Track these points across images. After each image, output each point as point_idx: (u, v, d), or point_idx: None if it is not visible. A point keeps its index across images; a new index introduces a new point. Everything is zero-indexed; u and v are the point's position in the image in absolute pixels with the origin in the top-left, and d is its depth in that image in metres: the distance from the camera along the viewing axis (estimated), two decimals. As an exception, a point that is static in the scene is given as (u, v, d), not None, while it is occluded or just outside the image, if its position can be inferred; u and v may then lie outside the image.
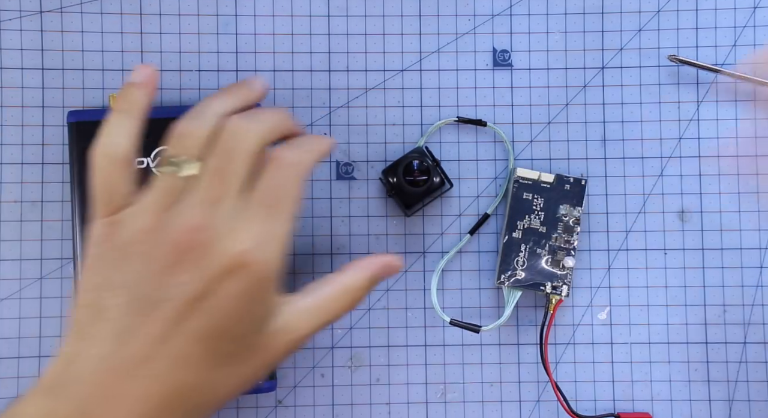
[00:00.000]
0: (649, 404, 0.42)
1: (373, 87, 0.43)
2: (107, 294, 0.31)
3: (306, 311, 0.33)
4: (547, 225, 0.41)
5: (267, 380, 0.40)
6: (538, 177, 0.41)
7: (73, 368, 0.30)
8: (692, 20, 0.44)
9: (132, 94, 0.34)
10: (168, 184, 0.32)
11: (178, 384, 0.30)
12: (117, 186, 0.32)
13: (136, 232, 0.31)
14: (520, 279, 0.41)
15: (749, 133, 0.43)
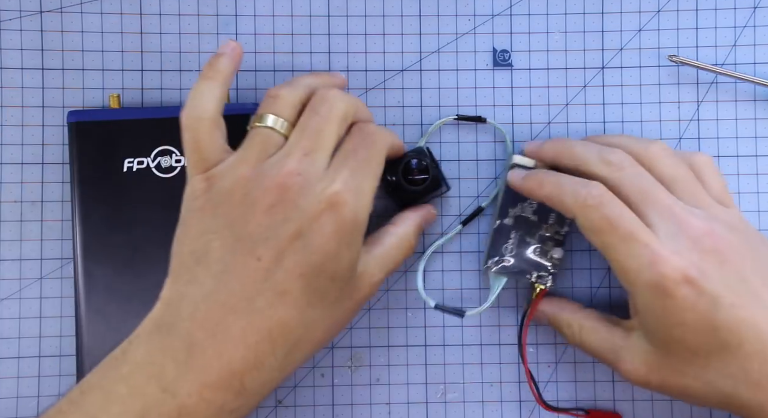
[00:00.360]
0: (648, 404, 0.42)
1: (373, 87, 0.43)
2: (210, 237, 0.33)
3: (379, 257, 0.37)
4: (539, 215, 0.41)
5: None
6: (534, 165, 0.41)
7: (179, 307, 0.33)
8: (692, 20, 0.44)
9: (218, 63, 0.37)
10: (262, 139, 0.35)
11: (280, 320, 0.32)
12: (207, 144, 0.35)
13: (236, 180, 0.34)
14: (507, 266, 0.41)
15: (749, 133, 0.43)
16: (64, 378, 0.41)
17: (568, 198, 0.36)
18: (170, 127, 0.37)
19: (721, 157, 0.43)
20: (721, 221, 0.35)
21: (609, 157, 0.37)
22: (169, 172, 0.40)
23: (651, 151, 0.37)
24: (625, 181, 0.36)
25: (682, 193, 0.36)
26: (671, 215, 0.34)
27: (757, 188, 0.43)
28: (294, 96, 0.36)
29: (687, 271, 0.33)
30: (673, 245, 0.33)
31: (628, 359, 0.36)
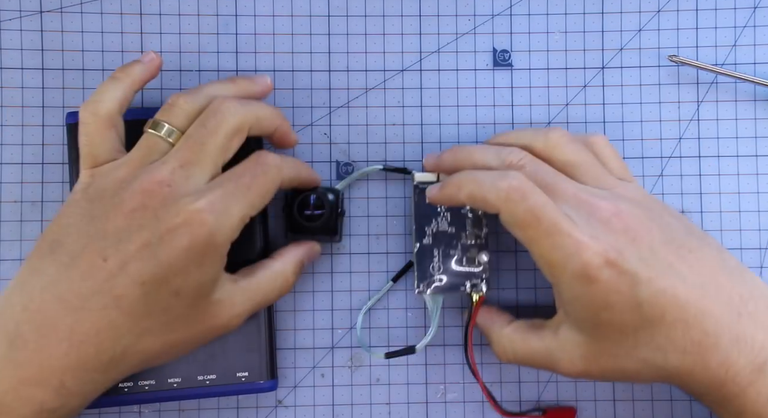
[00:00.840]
0: (649, 404, 0.42)
1: (373, 87, 0.43)
2: (71, 229, 0.33)
3: (247, 290, 0.36)
4: (455, 225, 0.41)
5: (267, 380, 0.40)
6: (437, 179, 0.41)
7: (15, 297, 0.33)
8: (692, 20, 0.44)
9: (131, 67, 0.37)
10: (150, 144, 0.35)
11: (111, 323, 0.32)
12: (98, 142, 0.36)
13: (113, 180, 0.34)
14: (440, 285, 0.41)
15: (749, 134, 0.43)
16: (64, 378, 0.41)
17: (489, 194, 0.35)
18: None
19: (721, 157, 0.43)
20: (625, 198, 0.36)
21: (507, 158, 0.37)
22: None
23: (551, 140, 0.38)
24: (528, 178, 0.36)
25: (585, 177, 0.37)
26: (579, 202, 0.35)
27: (757, 188, 0.43)
28: (191, 105, 0.36)
29: (606, 254, 0.33)
30: (589, 231, 0.34)
31: (565, 357, 0.36)
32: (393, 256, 0.43)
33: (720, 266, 0.35)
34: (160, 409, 0.42)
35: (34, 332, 0.32)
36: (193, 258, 0.33)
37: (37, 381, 0.32)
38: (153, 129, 0.36)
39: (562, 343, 0.36)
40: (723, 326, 0.33)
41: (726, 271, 0.35)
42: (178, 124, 0.36)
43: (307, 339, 0.42)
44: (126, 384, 0.39)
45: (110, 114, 0.36)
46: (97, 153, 0.36)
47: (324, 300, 0.43)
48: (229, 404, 0.42)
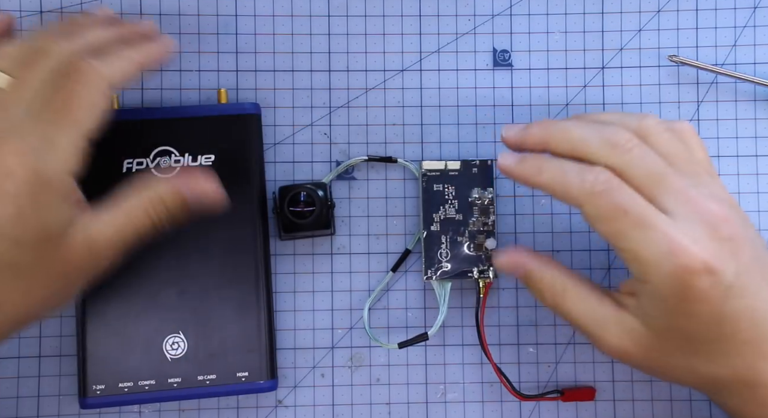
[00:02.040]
0: (649, 404, 0.42)
1: (373, 87, 0.43)
2: None
3: (109, 222, 0.33)
4: (463, 212, 0.41)
5: (267, 380, 0.40)
6: (444, 166, 0.41)
7: None
8: (692, 20, 0.44)
9: None
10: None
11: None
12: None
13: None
14: (447, 271, 0.41)
15: (749, 134, 0.43)
16: (64, 378, 0.41)
17: (573, 185, 0.33)
18: (170, 127, 0.37)
19: (721, 157, 0.43)
20: (727, 201, 0.33)
21: (614, 138, 0.33)
22: (169, 173, 0.40)
23: (646, 127, 0.34)
24: (635, 164, 0.33)
25: (684, 171, 0.34)
26: (687, 200, 0.32)
27: (757, 188, 0.43)
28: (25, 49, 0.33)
29: (708, 261, 0.31)
30: (691, 232, 0.31)
31: (616, 333, 0.34)
32: (393, 256, 0.43)
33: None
34: (160, 409, 0.42)
35: None
36: (24, 203, 0.30)
37: None
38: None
39: (621, 320, 0.34)
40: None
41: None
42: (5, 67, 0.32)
43: (307, 339, 0.42)
44: (126, 384, 0.39)
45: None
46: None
47: (324, 300, 0.43)
48: (229, 404, 0.42)
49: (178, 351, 0.39)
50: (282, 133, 0.43)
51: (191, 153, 0.40)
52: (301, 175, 0.43)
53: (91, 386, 0.39)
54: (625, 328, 0.34)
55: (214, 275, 0.40)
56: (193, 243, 0.40)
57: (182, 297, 0.40)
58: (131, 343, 0.39)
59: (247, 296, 0.40)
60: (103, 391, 0.39)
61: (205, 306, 0.40)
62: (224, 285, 0.40)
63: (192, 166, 0.38)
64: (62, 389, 0.41)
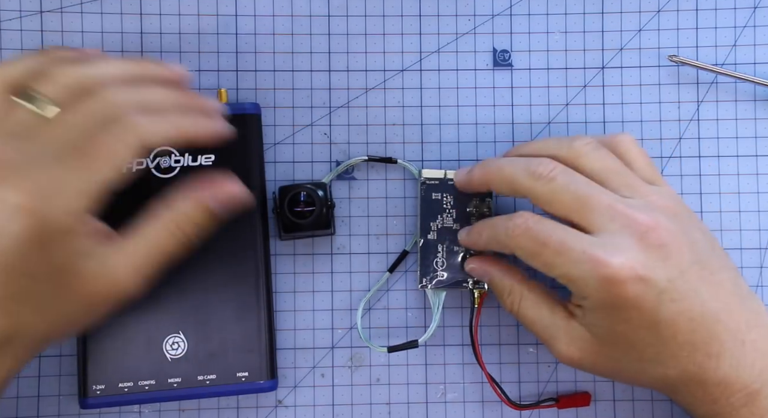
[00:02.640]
0: (648, 404, 0.42)
1: (373, 87, 0.43)
2: None
3: (132, 251, 0.33)
4: (461, 222, 0.41)
5: (267, 380, 0.40)
6: (444, 175, 0.41)
7: None
8: (692, 20, 0.44)
9: None
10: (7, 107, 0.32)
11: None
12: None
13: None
14: (442, 280, 0.41)
15: (749, 134, 0.43)
16: (64, 378, 0.41)
17: (501, 237, 0.36)
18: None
19: (721, 157, 0.43)
20: (661, 209, 0.35)
21: (537, 170, 0.36)
22: (169, 173, 0.40)
23: (575, 149, 0.37)
24: (560, 189, 0.35)
25: (616, 185, 0.36)
26: (614, 214, 0.34)
27: (757, 188, 0.43)
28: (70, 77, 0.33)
29: (636, 270, 0.33)
30: (617, 244, 0.33)
31: (565, 341, 0.36)
32: (393, 256, 0.43)
33: (734, 291, 0.35)
34: (160, 409, 0.42)
35: None
36: (39, 244, 0.30)
37: None
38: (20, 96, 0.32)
39: (569, 328, 0.36)
40: (726, 351, 0.34)
41: (738, 297, 0.35)
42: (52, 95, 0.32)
43: (307, 339, 0.42)
44: (126, 384, 0.39)
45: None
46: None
47: (324, 300, 0.43)
48: (229, 404, 0.42)
49: (178, 351, 0.39)
50: (282, 133, 0.43)
51: (191, 153, 0.40)
52: (301, 175, 0.43)
53: (91, 386, 0.39)
54: (573, 336, 0.36)
55: (214, 274, 0.40)
56: (193, 243, 0.40)
57: (182, 297, 0.40)
58: (131, 343, 0.39)
59: (247, 296, 0.40)
60: (103, 391, 0.39)
61: (205, 306, 0.40)
62: (224, 285, 0.40)
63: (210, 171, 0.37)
64: (62, 389, 0.41)
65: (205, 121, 0.35)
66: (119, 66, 0.34)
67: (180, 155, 0.40)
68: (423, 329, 0.42)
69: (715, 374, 0.34)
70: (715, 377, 0.34)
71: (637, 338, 0.34)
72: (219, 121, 0.36)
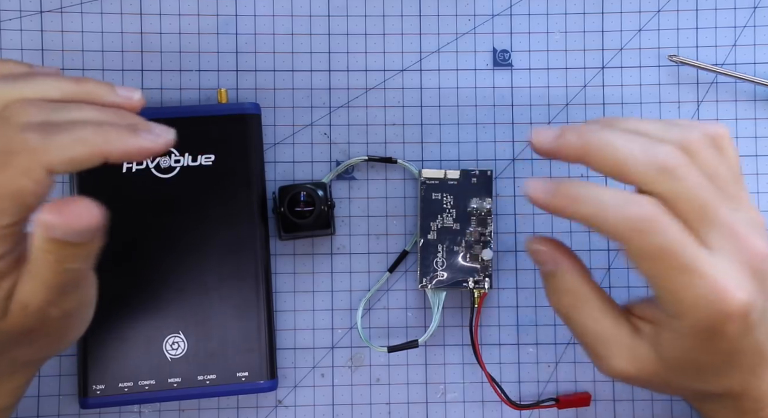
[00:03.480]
0: (648, 404, 0.43)
1: (373, 87, 0.43)
2: None
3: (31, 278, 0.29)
4: (461, 221, 0.41)
5: (267, 380, 0.40)
6: (444, 175, 0.41)
7: None
8: (692, 20, 0.44)
9: None
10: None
11: None
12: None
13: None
14: (443, 280, 0.41)
15: (749, 133, 0.43)
16: (64, 378, 0.41)
17: (613, 220, 0.29)
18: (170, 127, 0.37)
19: (721, 158, 0.43)
20: (760, 227, 0.31)
21: (665, 160, 0.29)
22: (169, 173, 0.40)
23: (691, 142, 0.30)
24: (686, 193, 0.29)
25: (727, 195, 0.30)
26: (733, 236, 0.29)
27: (757, 188, 0.43)
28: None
29: (748, 307, 0.29)
30: (735, 273, 0.29)
31: (625, 357, 0.32)
32: (393, 256, 0.43)
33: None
34: (160, 409, 0.42)
35: None
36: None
37: None
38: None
39: (633, 346, 0.32)
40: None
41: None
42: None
43: (307, 339, 0.42)
44: (126, 384, 0.39)
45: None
46: None
47: (324, 300, 0.43)
48: (229, 404, 0.42)
49: (178, 351, 0.39)
50: (282, 133, 0.43)
51: (191, 153, 0.40)
52: (301, 175, 0.43)
53: (91, 386, 0.39)
54: (635, 354, 0.32)
55: (214, 274, 0.40)
56: (193, 243, 0.40)
57: (182, 297, 0.40)
58: (131, 343, 0.39)
59: (247, 296, 0.40)
60: (103, 391, 0.39)
61: (205, 306, 0.40)
62: (224, 285, 0.40)
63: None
64: (62, 389, 0.41)
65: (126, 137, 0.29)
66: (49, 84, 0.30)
67: (180, 155, 0.40)
68: (423, 329, 0.42)
69: (757, 391, 0.32)
70: (756, 393, 0.32)
71: (709, 365, 0.31)
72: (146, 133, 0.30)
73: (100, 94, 0.31)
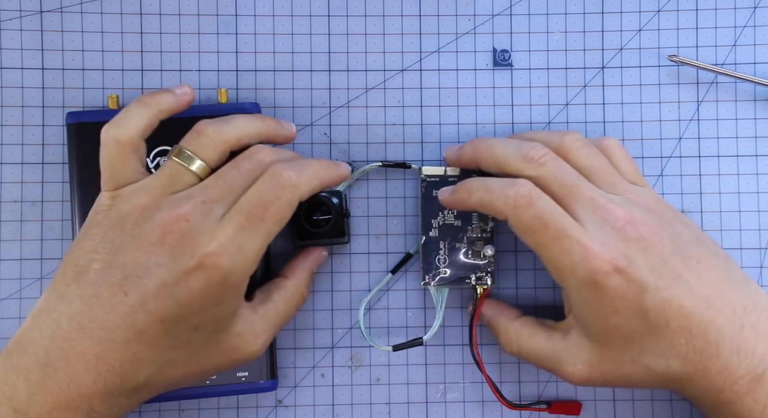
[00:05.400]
0: (648, 404, 0.43)
1: (373, 87, 0.43)
2: (94, 256, 0.34)
3: (267, 316, 0.37)
4: (462, 218, 0.41)
5: (267, 380, 0.40)
6: (444, 172, 0.41)
7: (43, 323, 0.33)
8: (692, 20, 0.44)
9: (161, 95, 0.37)
10: (172, 172, 0.35)
11: (134, 355, 0.33)
12: (120, 166, 0.35)
13: (134, 206, 0.34)
14: (445, 277, 0.41)
15: (749, 134, 0.43)
16: (64, 378, 0.41)
17: (498, 202, 0.36)
18: (169, 127, 0.37)
19: (721, 157, 0.43)
20: (639, 205, 0.36)
21: (529, 153, 0.37)
22: None
23: (566, 143, 0.38)
24: (548, 176, 0.36)
25: (600, 181, 0.37)
26: (595, 207, 0.35)
27: (757, 188, 0.43)
28: (219, 137, 0.36)
29: (616, 261, 0.34)
30: (600, 237, 0.34)
31: (570, 360, 0.36)
32: (393, 256, 0.43)
33: (726, 277, 0.35)
34: (160, 409, 0.42)
35: (63, 359, 0.33)
36: (210, 298, 0.33)
37: (68, 406, 0.32)
38: (178, 157, 0.35)
39: (570, 346, 0.36)
40: (725, 336, 0.34)
41: (731, 282, 0.35)
42: (205, 157, 0.35)
43: (307, 339, 0.42)
44: None
45: (132, 139, 0.36)
46: (118, 177, 0.35)
47: (324, 300, 0.43)
48: (230, 404, 0.42)
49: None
50: (282, 133, 0.43)
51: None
52: (301, 175, 0.43)
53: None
54: (574, 351, 0.36)
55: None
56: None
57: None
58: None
59: None
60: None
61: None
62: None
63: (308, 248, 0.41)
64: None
65: (335, 169, 0.38)
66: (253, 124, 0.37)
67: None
68: (423, 329, 0.42)
69: (717, 361, 0.34)
70: (717, 365, 0.34)
71: (631, 330, 0.34)
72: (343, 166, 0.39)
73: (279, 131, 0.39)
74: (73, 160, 0.40)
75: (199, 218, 0.33)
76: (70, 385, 0.32)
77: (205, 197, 0.34)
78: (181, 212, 0.33)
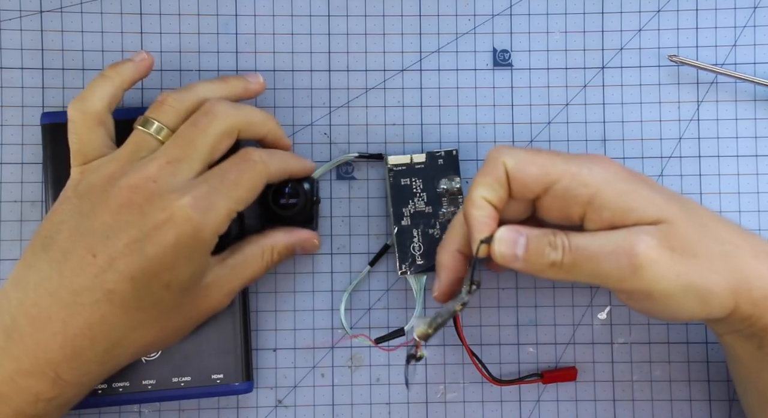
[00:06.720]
0: (649, 404, 0.43)
1: (373, 87, 0.43)
2: (62, 226, 0.34)
3: (234, 267, 0.37)
4: (432, 204, 0.41)
5: (243, 382, 0.40)
6: (410, 160, 0.41)
7: (12, 292, 0.34)
8: (692, 20, 0.44)
9: (121, 66, 0.38)
10: (138, 141, 0.36)
11: (103, 317, 0.33)
12: (87, 139, 0.36)
13: (101, 176, 0.35)
14: (421, 264, 0.41)
15: (749, 134, 0.43)
16: (64, 378, 0.41)
17: None
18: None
19: (721, 157, 0.43)
20: None
21: None
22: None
23: None
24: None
25: None
26: None
27: (757, 188, 0.43)
28: (181, 103, 0.36)
29: None
30: None
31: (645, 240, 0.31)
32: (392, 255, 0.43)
33: None
34: (161, 409, 0.42)
35: (29, 325, 0.33)
36: (181, 253, 0.33)
37: (32, 372, 0.33)
38: (142, 126, 0.36)
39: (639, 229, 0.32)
40: None
41: None
42: (167, 122, 0.36)
43: (307, 339, 0.42)
44: (100, 386, 0.39)
45: (98, 112, 0.36)
46: (87, 150, 0.36)
47: (324, 300, 0.43)
48: (230, 403, 0.42)
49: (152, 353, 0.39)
50: (282, 133, 0.43)
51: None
52: (301, 175, 0.43)
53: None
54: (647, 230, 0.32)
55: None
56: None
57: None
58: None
59: None
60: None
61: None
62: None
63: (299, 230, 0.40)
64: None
65: (302, 162, 0.40)
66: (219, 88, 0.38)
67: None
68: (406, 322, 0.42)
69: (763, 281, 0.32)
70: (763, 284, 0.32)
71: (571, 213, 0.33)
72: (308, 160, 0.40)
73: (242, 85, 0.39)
74: (48, 160, 0.40)
75: (167, 177, 0.34)
76: (36, 351, 0.32)
77: (168, 157, 0.34)
78: (147, 173, 0.34)
